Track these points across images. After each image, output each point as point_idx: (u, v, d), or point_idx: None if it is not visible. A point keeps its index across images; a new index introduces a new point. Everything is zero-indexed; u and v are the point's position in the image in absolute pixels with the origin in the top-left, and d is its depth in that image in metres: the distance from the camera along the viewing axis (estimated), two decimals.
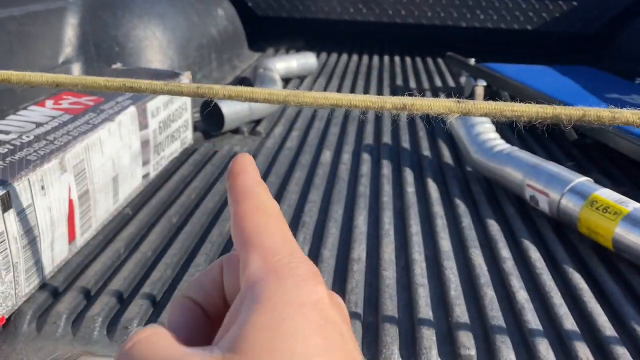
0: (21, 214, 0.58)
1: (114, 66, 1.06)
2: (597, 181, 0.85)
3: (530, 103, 0.45)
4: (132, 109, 0.81)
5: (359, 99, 0.44)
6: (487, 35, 2.01)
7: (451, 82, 1.70)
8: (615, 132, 0.92)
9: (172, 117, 0.96)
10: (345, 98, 0.45)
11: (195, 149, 1.08)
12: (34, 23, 1.16)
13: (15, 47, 1.10)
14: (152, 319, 0.61)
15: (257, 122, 1.24)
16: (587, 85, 1.30)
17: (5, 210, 0.56)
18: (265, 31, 2.18)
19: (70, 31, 1.28)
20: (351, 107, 0.44)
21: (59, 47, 1.25)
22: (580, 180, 0.79)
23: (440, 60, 2.00)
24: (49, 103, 0.79)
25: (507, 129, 1.23)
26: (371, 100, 0.44)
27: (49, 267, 0.64)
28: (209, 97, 0.42)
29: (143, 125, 0.85)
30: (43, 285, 0.64)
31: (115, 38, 1.33)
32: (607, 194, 0.76)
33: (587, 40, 1.95)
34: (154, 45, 1.39)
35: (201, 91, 0.43)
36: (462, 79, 1.44)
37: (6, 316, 0.59)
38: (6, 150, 0.63)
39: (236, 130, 1.19)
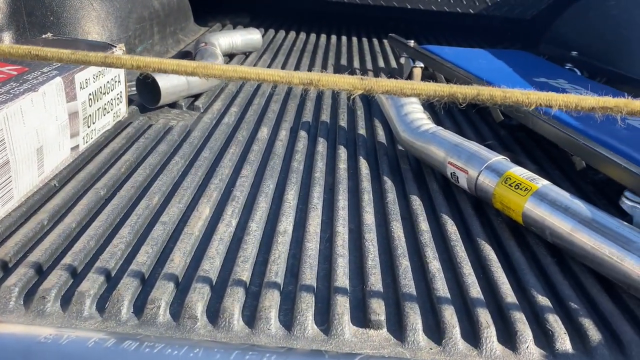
0: None
1: (44, 36, 1.03)
2: (516, 160, 0.90)
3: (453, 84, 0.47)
4: (58, 80, 0.80)
5: (267, 73, 0.46)
6: (432, 17, 2.04)
7: (394, 64, 1.74)
8: (534, 114, 0.97)
9: (104, 90, 0.95)
10: (254, 72, 0.46)
11: (130, 122, 1.07)
12: None
13: None
14: (71, 289, 0.61)
15: (196, 97, 1.24)
16: (518, 69, 1.35)
17: None
18: (213, 5, 2.14)
19: None
20: (259, 81, 0.46)
21: None
22: (497, 158, 0.84)
23: (385, 42, 2.03)
24: None
25: (440, 110, 1.27)
26: (279, 74, 0.46)
27: None
28: (117, 67, 0.43)
29: (71, 96, 0.84)
30: None
31: (50, 7, 1.29)
32: (519, 172, 0.80)
33: (526, 25, 2.02)
34: (91, 15, 1.35)
35: (109, 61, 0.43)
36: (402, 60, 1.47)
37: None
38: None
39: (173, 105, 1.18)
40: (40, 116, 0.76)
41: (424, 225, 0.79)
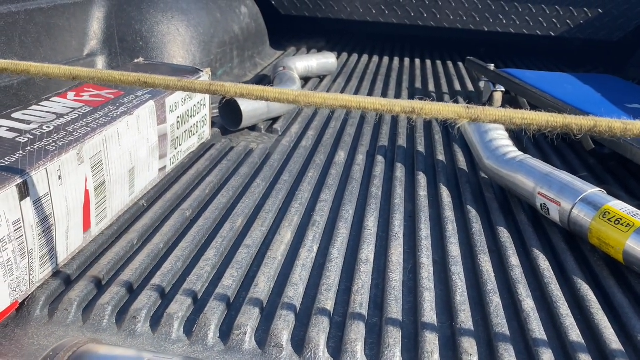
0: (37, 203, 0.60)
1: (136, 60, 1.08)
2: (612, 193, 0.84)
3: (544, 111, 0.45)
4: (151, 104, 0.83)
5: (369, 102, 0.45)
6: (510, 40, 1.99)
7: (470, 87, 1.70)
8: (633, 144, 0.91)
9: (191, 113, 0.98)
10: (355, 100, 0.45)
11: (213, 144, 1.10)
12: (61, 15, 1.19)
13: (43, 39, 1.13)
14: (160, 310, 0.62)
15: (275, 120, 1.25)
16: (608, 95, 1.28)
17: (22, 198, 0.57)
18: (288, 30, 2.19)
19: (95, 24, 1.30)
20: (360, 109, 0.45)
21: (85, 39, 1.28)
22: (593, 191, 0.79)
23: (460, 64, 1.99)
24: (71, 95, 0.81)
25: (524, 136, 1.22)
26: (381, 103, 0.45)
27: (63, 255, 0.66)
28: (221, 94, 0.43)
29: (161, 119, 0.87)
30: (57, 273, 0.66)
31: (140, 32, 1.36)
32: (619, 206, 0.75)
33: (611, 48, 1.92)
34: (177, 40, 1.41)
35: (213, 88, 0.44)
36: (482, 84, 1.44)
37: (20, 301, 0.61)
38: (26, 139, 0.65)
39: (253, 128, 1.20)
40: (134, 138, 0.79)
41: (514, 259, 0.75)
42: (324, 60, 1.67)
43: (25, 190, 0.58)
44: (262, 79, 1.65)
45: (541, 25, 1.91)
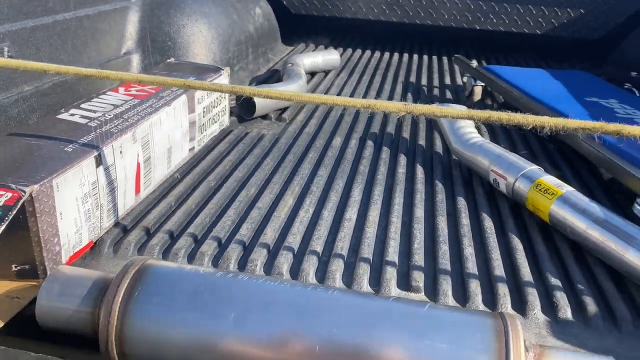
0: (106, 170, 0.83)
1: (168, 60, 1.30)
2: (548, 170, 1.05)
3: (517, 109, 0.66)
4: (183, 97, 1.05)
5: (338, 99, 0.67)
6: (499, 38, 2.18)
7: (459, 81, 1.90)
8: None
9: (214, 104, 1.20)
10: (330, 99, 0.67)
11: (231, 130, 1.32)
12: (104, 20, 1.41)
13: (89, 41, 1.36)
14: (194, 250, 0.85)
15: (283, 110, 1.47)
16: (572, 89, 1.47)
17: (97, 166, 0.80)
18: (298, 27, 2.40)
19: (131, 27, 1.53)
20: (334, 105, 0.67)
21: (122, 40, 1.50)
22: (532, 168, 1.00)
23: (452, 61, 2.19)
24: (121, 90, 1.04)
25: (499, 126, 1.42)
26: (344, 100, 0.67)
27: (121, 210, 0.89)
28: (240, 94, 0.65)
29: (191, 109, 1.09)
30: (117, 223, 0.89)
31: (168, 34, 1.58)
32: (549, 179, 0.96)
33: (592, 46, 2.10)
34: (200, 41, 1.63)
35: (235, 90, 0.66)
36: (464, 79, 1.63)
37: (93, 241, 0.84)
38: (95, 124, 0.88)
39: (265, 116, 1.42)
40: (171, 124, 1.01)
41: (465, 220, 0.97)
42: (329, 57, 1.88)
43: (99, 160, 0.80)
44: (274, 74, 1.87)
45: (528, 24, 2.10)
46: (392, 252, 0.86)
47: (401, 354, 0.55)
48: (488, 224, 0.96)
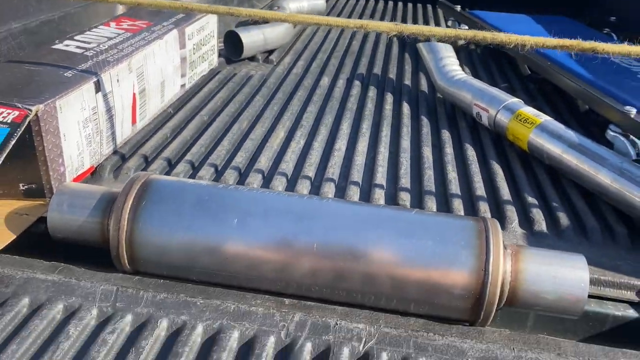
0: (105, 97, 0.85)
1: None
2: (528, 103, 1.10)
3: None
4: (175, 32, 1.07)
5: (331, 20, 0.70)
6: None
7: (443, 26, 1.92)
8: (554, 69, 1.16)
9: (203, 42, 1.21)
10: (324, 19, 0.70)
11: (219, 70, 1.34)
12: None
13: None
14: (192, 175, 0.88)
15: (271, 51, 1.49)
16: (554, 33, 1.51)
17: (97, 91, 0.83)
18: None
19: None
20: (328, 25, 0.70)
21: None
22: (513, 100, 1.04)
23: (438, 8, 2.20)
24: (112, 24, 1.05)
25: (479, 63, 1.46)
26: (337, 21, 0.70)
27: (119, 139, 0.92)
28: (237, 15, 0.68)
29: (182, 44, 1.11)
30: (115, 152, 0.92)
31: None
32: (529, 110, 1.01)
33: None
34: None
35: (232, 11, 0.68)
36: (449, 23, 1.66)
37: (94, 166, 0.87)
38: (92, 53, 0.89)
39: (252, 58, 1.44)
40: (164, 58, 1.03)
41: (449, 150, 1.02)
42: (314, 2, 1.88)
43: (98, 86, 0.83)
44: (257, 20, 1.86)
45: None
46: (380, 177, 0.91)
47: (391, 249, 0.60)
48: (471, 152, 1.01)
